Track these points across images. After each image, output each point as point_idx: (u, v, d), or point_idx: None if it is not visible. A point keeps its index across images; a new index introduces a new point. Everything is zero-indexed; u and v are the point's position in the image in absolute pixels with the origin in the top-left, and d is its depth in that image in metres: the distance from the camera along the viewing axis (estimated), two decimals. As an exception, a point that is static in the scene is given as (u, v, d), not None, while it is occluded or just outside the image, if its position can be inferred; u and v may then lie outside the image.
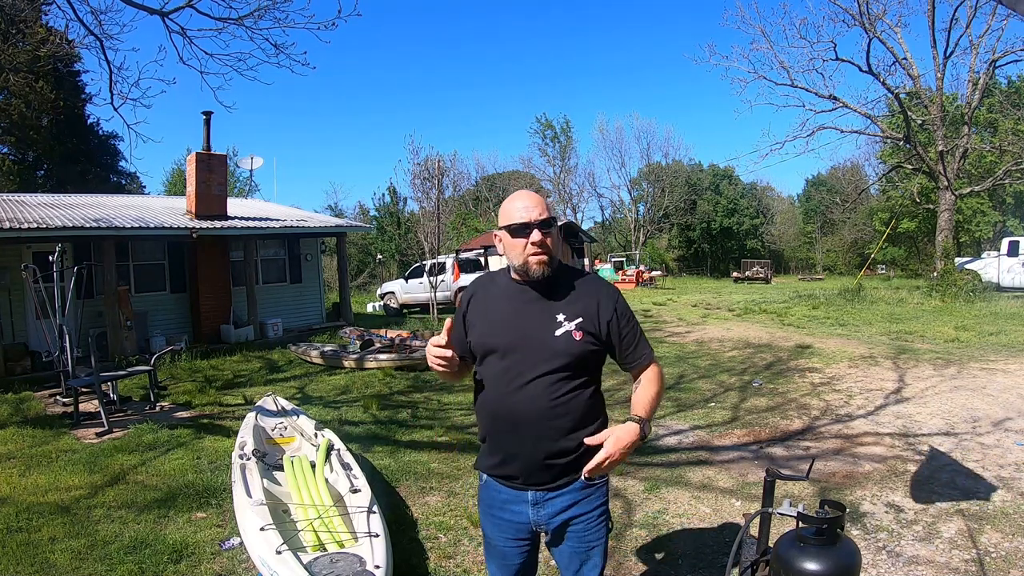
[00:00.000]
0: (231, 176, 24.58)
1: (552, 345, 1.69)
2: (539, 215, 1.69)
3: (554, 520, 1.77)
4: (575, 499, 1.76)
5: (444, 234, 29.53)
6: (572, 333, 1.69)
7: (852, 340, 9.66)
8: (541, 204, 1.72)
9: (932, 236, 23.06)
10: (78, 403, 6.34)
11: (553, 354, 1.69)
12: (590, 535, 1.79)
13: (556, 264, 1.75)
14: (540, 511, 1.76)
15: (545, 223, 1.70)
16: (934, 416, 5.36)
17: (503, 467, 1.78)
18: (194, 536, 3.46)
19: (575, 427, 1.71)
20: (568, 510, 1.76)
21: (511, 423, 1.72)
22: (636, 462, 4.45)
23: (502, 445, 1.76)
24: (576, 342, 1.69)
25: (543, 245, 1.69)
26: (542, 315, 1.72)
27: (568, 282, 1.77)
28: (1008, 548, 3.05)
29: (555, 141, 47.16)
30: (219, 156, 12.37)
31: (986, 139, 24.31)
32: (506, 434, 1.74)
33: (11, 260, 9.54)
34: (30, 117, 20.41)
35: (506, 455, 1.76)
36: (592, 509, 1.79)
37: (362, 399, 6.81)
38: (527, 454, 1.72)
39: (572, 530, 1.78)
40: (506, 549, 1.84)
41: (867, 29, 17.25)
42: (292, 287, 13.84)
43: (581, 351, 1.70)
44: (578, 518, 1.77)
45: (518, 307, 1.76)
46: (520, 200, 1.73)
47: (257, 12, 7.73)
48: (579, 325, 1.70)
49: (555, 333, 1.70)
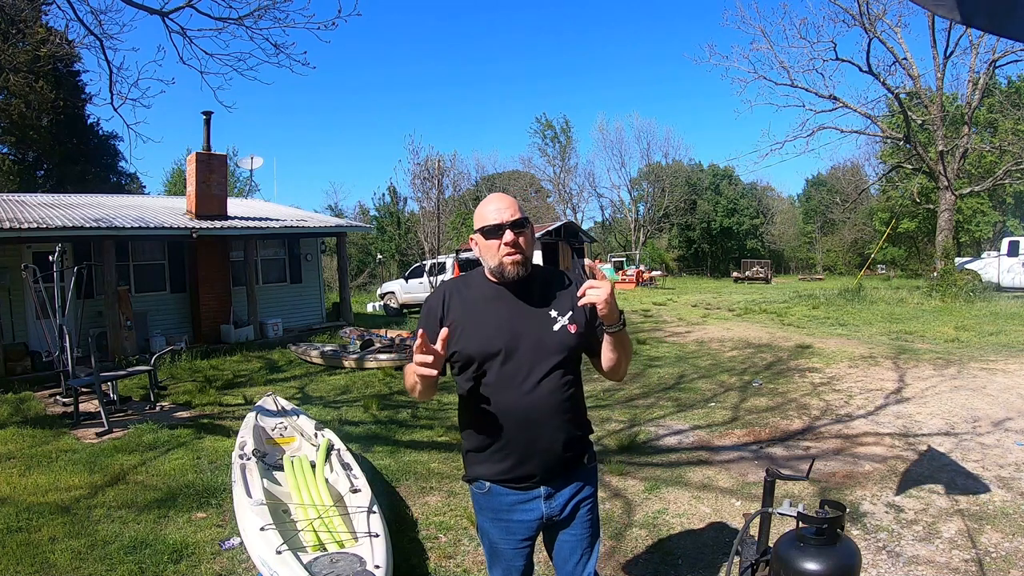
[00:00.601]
0: (231, 176, 24.59)
1: (551, 341, 1.74)
2: (511, 216, 1.72)
3: (567, 508, 1.81)
4: (582, 483, 1.84)
5: (444, 234, 29.55)
6: (568, 327, 1.75)
7: (852, 340, 9.66)
8: (513, 205, 1.75)
9: (932, 236, 23.07)
10: (78, 403, 6.34)
11: (554, 350, 1.74)
12: (594, 518, 1.88)
13: (530, 263, 1.78)
14: (552, 503, 1.80)
15: (517, 223, 1.72)
16: (934, 416, 5.36)
17: (516, 469, 1.76)
18: (194, 536, 3.47)
19: (580, 416, 1.82)
20: (577, 494, 1.83)
21: (528, 423, 1.71)
22: (636, 462, 4.46)
23: (515, 448, 1.74)
24: (572, 335, 1.75)
25: (516, 245, 1.71)
26: (534, 313, 1.75)
27: (543, 279, 1.82)
28: (1008, 548, 3.05)
29: (555, 141, 47.21)
30: (219, 156, 12.37)
31: (986, 139, 24.30)
32: (521, 435, 1.73)
33: (11, 260, 9.54)
34: (30, 117, 20.40)
35: (521, 456, 1.74)
36: (594, 492, 1.88)
37: (362, 399, 6.81)
38: (545, 450, 1.74)
39: (580, 515, 1.84)
40: (514, 552, 1.85)
41: (867, 29, 17.24)
42: (292, 287, 13.84)
43: (577, 343, 1.76)
44: (585, 501, 1.85)
45: (506, 309, 1.76)
46: (493, 203, 1.76)
47: (257, 12, 7.73)
48: (571, 318, 1.76)
49: (553, 329, 1.75)
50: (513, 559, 1.85)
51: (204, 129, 12.23)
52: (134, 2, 7.44)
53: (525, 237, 1.74)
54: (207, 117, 12.30)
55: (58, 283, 6.98)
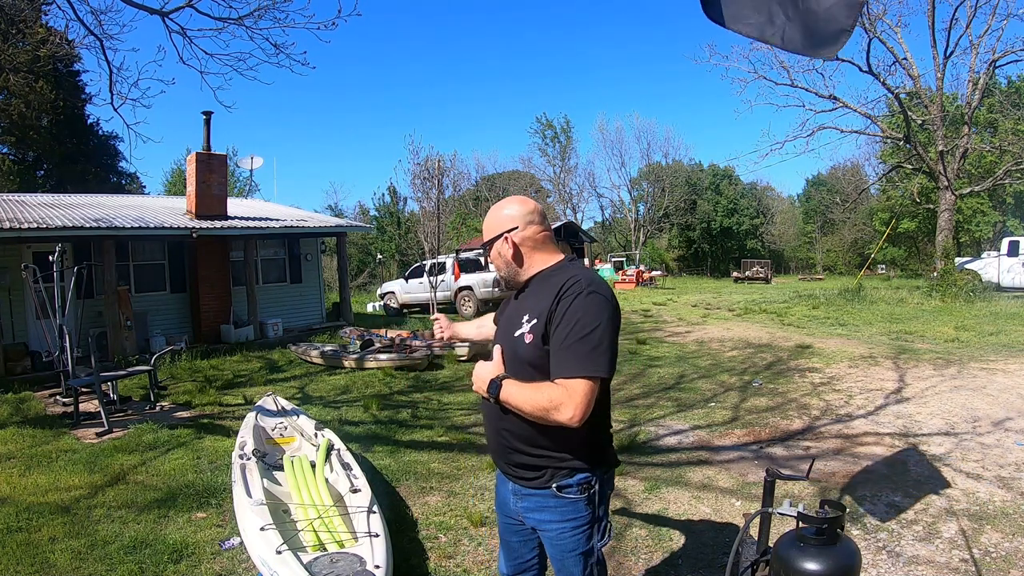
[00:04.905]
0: (231, 176, 24.60)
1: (512, 346, 1.69)
2: (484, 238, 1.85)
3: (528, 518, 1.79)
4: (543, 505, 1.72)
5: (444, 234, 29.54)
6: (525, 335, 1.64)
7: (852, 340, 9.66)
8: (489, 226, 1.83)
9: (932, 236, 23.06)
10: (78, 403, 6.34)
11: (512, 356, 1.68)
12: (563, 543, 1.72)
13: (515, 272, 1.80)
14: (519, 503, 1.80)
15: (486, 245, 1.83)
16: (934, 416, 5.36)
17: (488, 449, 1.92)
18: (194, 536, 3.46)
19: (530, 434, 1.65)
20: (536, 513, 1.74)
21: (486, 418, 1.83)
22: (636, 462, 4.46)
23: (484, 428, 1.88)
24: (525, 345, 1.63)
25: (493, 262, 1.84)
26: (513, 317, 1.75)
27: (557, 282, 1.64)
28: (1008, 548, 3.05)
29: (555, 141, 47.20)
30: (219, 156, 12.36)
31: (986, 139, 24.31)
32: (485, 424, 1.85)
33: (11, 260, 9.54)
34: (30, 117, 20.41)
35: (487, 438, 1.88)
36: (564, 520, 1.70)
37: (362, 399, 6.81)
38: (495, 451, 1.83)
39: (543, 535, 1.78)
40: (504, 525, 1.93)
41: (867, 29, 17.24)
42: (292, 287, 13.84)
43: (529, 354, 1.62)
44: (548, 526, 1.73)
45: (511, 308, 1.83)
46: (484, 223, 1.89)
47: (257, 12, 7.73)
48: (532, 327, 1.63)
49: (514, 334, 1.68)
50: (504, 532, 1.94)
51: (204, 129, 12.24)
52: (134, 2, 7.43)
53: (494, 250, 1.81)
54: (207, 117, 12.30)
55: (58, 283, 6.98)
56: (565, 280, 1.62)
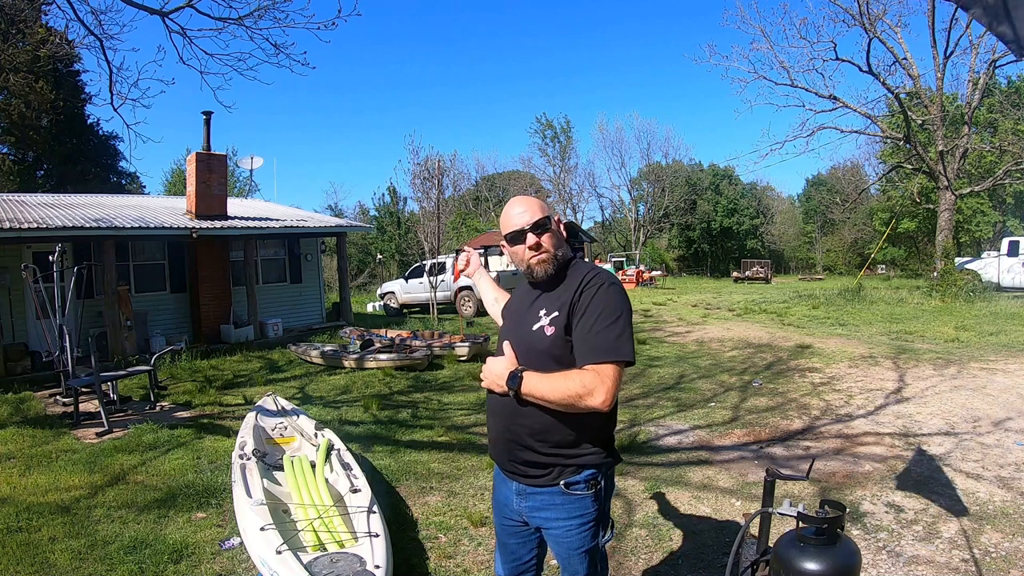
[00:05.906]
0: (231, 176, 24.61)
1: (527, 340, 1.68)
2: (531, 219, 1.72)
3: (533, 517, 1.78)
4: (550, 503, 1.72)
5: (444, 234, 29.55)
6: (545, 328, 1.65)
7: (852, 340, 9.66)
8: (534, 206, 1.75)
9: (932, 236, 23.05)
10: (78, 403, 6.34)
11: (527, 349, 1.67)
12: (570, 541, 1.73)
13: (560, 262, 1.73)
14: (523, 502, 1.78)
15: (537, 225, 1.72)
16: (934, 416, 5.36)
17: (492, 450, 1.87)
18: (194, 536, 3.46)
19: (545, 428, 1.65)
20: (542, 511, 1.74)
21: (492, 412, 1.79)
22: (636, 462, 4.46)
23: (490, 430, 1.84)
24: (545, 337, 1.64)
25: (538, 247, 1.72)
26: (530, 310, 1.73)
27: (575, 277, 1.69)
28: (1008, 548, 3.05)
29: (555, 141, 47.17)
30: (219, 156, 12.36)
31: (986, 139, 24.29)
32: (491, 420, 1.82)
33: (11, 260, 9.53)
34: (30, 117, 20.39)
35: (492, 439, 1.83)
36: (570, 518, 1.71)
37: (362, 399, 6.81)
38: (502, 447, 1.77)
39: (550, 536, 1.78)
40: (500, 527, 1.91)
41: (867, 29, 17.24)
42: (292, 287, 13.84)
43: (548, 346, 1.64)
44: (553, 524, 1.74)
45: (521, 304, 1.81)
46: (514, 207, 1.77)
47: (257, 12, 7.71)
48: (553, 320, 1.64)
49: (532, 328, 1.68)
50: (502, 534, 1.92)
51: (204, 129, 12.24)
52: (134, 2, 7.42)
53: (548, 235, 1.73)
54: (207, 117, 12.30)
55: (58, 283, 6.98)
56: (585, 273, 1.68)
